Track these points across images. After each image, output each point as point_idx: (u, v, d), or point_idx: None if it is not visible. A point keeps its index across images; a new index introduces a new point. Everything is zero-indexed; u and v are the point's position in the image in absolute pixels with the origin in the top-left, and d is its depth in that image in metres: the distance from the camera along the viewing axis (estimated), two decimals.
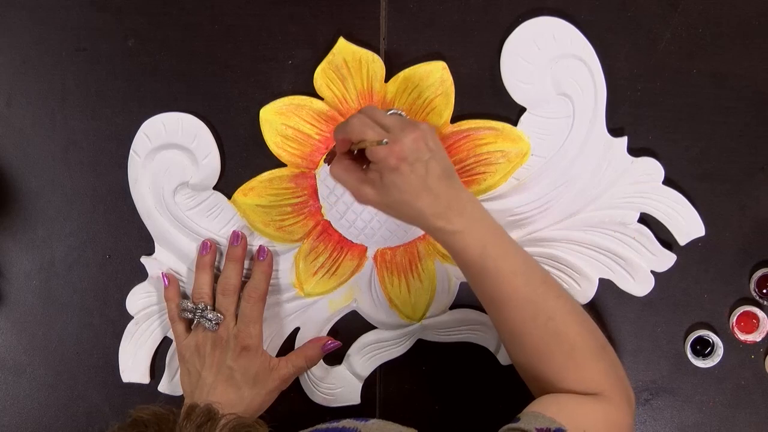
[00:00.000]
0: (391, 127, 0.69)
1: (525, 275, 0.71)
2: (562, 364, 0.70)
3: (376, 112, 0.71)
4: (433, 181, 0.69)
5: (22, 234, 0.85)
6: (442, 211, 0.69)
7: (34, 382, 0.86)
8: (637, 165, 0.79)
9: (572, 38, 0.79)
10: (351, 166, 0.72)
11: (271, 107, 0.81)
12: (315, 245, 0.82)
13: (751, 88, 0.80)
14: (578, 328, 0.71)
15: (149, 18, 0.83)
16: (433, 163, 0.69)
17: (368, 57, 0.79)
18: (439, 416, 0.84)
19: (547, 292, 0.71)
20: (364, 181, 0.71)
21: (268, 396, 0.80)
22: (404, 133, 0.68)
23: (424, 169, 0.68)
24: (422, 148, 0.68)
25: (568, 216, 0.80)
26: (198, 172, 0.82)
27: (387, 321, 0.83)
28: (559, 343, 0.70)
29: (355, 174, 0.72)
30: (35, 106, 0.84)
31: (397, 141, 0.68)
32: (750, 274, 0.81)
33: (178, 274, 0.84)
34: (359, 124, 0.69)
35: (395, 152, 0.67)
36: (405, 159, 0.68)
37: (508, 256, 0.71)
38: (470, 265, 0.71)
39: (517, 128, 0.80)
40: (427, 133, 0.69)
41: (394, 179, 0.68)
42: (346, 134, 0.70)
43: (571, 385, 0.70)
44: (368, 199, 0.71)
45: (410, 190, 0.68)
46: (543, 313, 0.70)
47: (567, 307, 0.72)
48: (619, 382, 0.72)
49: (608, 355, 0.73)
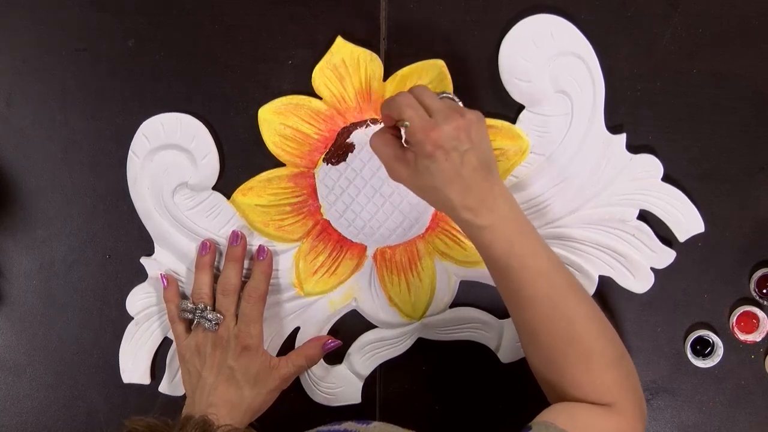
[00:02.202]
0: (435, 111, 0.68)
1: (549, 276, 0.70)
2: (576, 369, 0.70)
3: (425, 92, 0.70)
4: (468, 173, 0.68)
5: (22, 234, 0.85)
6: (472, 203, 0.69)
7: (34, 382, 0.86)
8: (636, 162, 0.79)
9: (570, 36, 0.79)
10: (390, 141, 0.72)
11: (270, 107, 0.81)
12: (314, 244, 0.82)
13: (751, 88, 0.80)
14: (597, 335, 0.71)
15: (149, 18, 0.83)
16: (471, 154, 0.68)
17: (366, 56, 0.79)
18: (439, 416, 0.84)
19: (570, 295, 0.71)
20: (399, 159, 0.70)
21: (268, 395, 0.80)
22: (447, 120, 0.68)
23: (459, 159, 0.68)
24: (462, 137, 0.68)
25: (568, 213, 0.80)
26: (197, 172, 0.82)
27: (387, 320, 0.83)
28: (576, 348, 0.70)
29: (392, 150, 0.71)
30: (35, 106, 0.84)
31: (435, 127, 0.67)
32: (750, 274, 0.81)
33: (178, 275, 0.84)
34: (403, 103, 0.69)
35: (432, 138, 0.67)
36: (441, 146, 0.67)
37: (535, 256, 0.70)
38: (495, 262, 0.70)
39: (516, 126, 0.80)
40: (472, 123, 0.69)
41: (428, 165, 0.68)
42: (390, 110, 0.70)
43: (585, 391, 0.69)
44: (400, 178, 0.71)
45: (442, 177, 0.68)
46: (563, 316, 0.70)
47: (589, 313, 0.71)
48: (634, 393, 0.71)
49: (625, 365, 0.72)
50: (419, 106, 0.69)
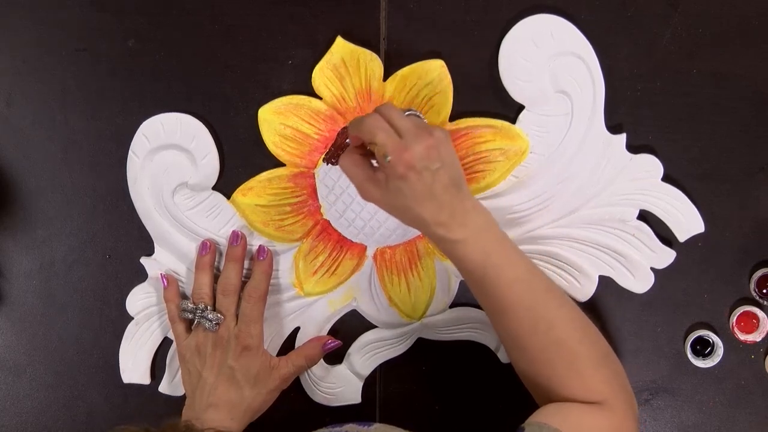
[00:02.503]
0: (405, 131, 0.68)
1: (527, 283, 0.71)
2: (563, 372, 0.70)
3: (393, 112, 0.70)
4: (439, 190, 0.68)
5: (22, 234, 0.85)
6: (444, 219, 0.69)
7: (34, 382, 0.86)
8: (635, 162, 0.79)
9: (570, 36, 0.79)
10: (360, 162, 0.72)
11: (270, 107, 0.81)
12: (314, 244, 0.82)
13: (751, 88, 0.80)
14: (580, 337, 0.71)
15: (149, 18, 0.83)
16: (442, 172, 0.68)
17: (366, 56, 0.79)
18: (439, 416, 0.84)
19: (550, 300, 0.71)
20: (370, 179, 0.71)
21: (268, 395, 0.80)
22: (417, 140, 0.67)
23: (431, 178, 0.68)
24: (433, 156, 0.68)
25: (568, 213, 0.80)
26: (197, 172, 0.82)
27: (387, 320, 0.83)
28: (560, 351, 0.70)
29: (363, 170, 0.71)
30: (35, 106, 0.84)
31: (407, 148, 0.67)
32: (750, 274, 0.81)
33: (178, 275, 0.84)
34: (373, 124, 0.69)
35: (404, 160, 0.67)
36: (413, 167, 0.67)
37: (511, 264, 0.71)
38: (471, 274, 0.71)
39: (516, 126, 0.80)
40: (441, 141, 0.69)
41: (401, 185, 0.68)
42: (359, 132, 0.70)
43: (573, 392, 0.70)
44: (372, 198, 0.71)
45: (415, 197, 0.68)
46: (544, 322, 0.70)
47: (570, 316, 0.72)
48: (622, 391, 0.71)
49: (611, 363, 0.72)
50: (389, 128, 0.69)
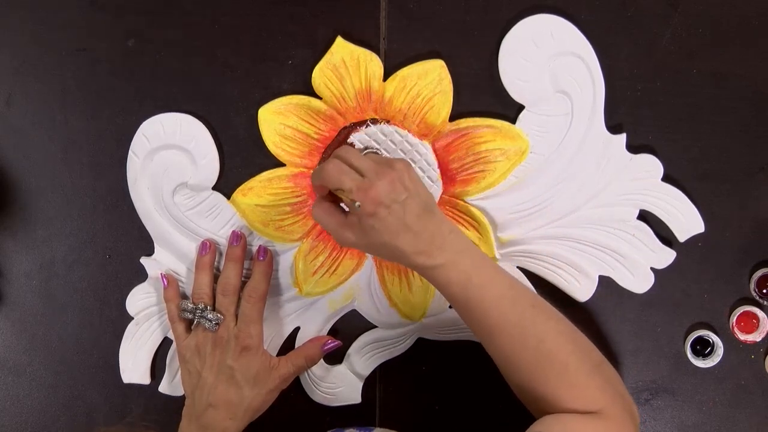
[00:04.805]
0: (366, 170, 0.69)
1: (512, 300, 0.71)
2: (556, 384, 0.70)
3: (351, 154, 0.71)
4: (412, 220, 0.69)
5: (22, 234, 0.85)
6: (423, 247, 0.69)
7: (34, 382, 0.86)
8: (635, 162, 0.79)
9: (570, 36, 0.79)
10: (331, 209, 0.73)
11: (270, 107, 0.81)
12: (314, 245, 0.82)
13: (751, 88, 0.80)
14: (571, 348, 0.71)
15: (149, 18, 0.83)
16: (411, 201, 0.69)
17: (366, 56, 0.79)
18: (439, 416, 0.84)
19: (536, 315, 0.71)
20: (344, 225, 0.72)
21: (268, 395, 0.80)
22: (380, 176, 0.68)
23: (402, 210, 0.68)
24: (399, 188, 0.68)
25: (568, 213, 0.80)
26: (197, 172, 0.82)
27: (387, 320, 0.83)
28: (551, 364, 0.70)
29: (335, 218, 0.73)
30: (35, 106, 0.84)
31: (372, 186, 0.68)
32: (750, 274, 0.81)
33: (178, 275, 0.84)
34: (335, 171, 0.70)
35: (371, 198, 0.68)
36: (381, 203, 0.68)
37: (494, 283, 0.71)
38: (456, 297, 0.71)
39: (516, 126, 0.80)
40: (403, 172, 0.69)
41: (373, 223, 0.68)
42: (323, 181, 0.71)
43: (568, 404, 0.69)
44: (348, 242, 0.72)
45: (389, 231, 0.69)
46: (533, 336, 0.70)
47: (558, 328, 0.71)
48: (619, 398, 0.71)
49: (604, 371, 0.72)
50: (351, 170, 0.70)
